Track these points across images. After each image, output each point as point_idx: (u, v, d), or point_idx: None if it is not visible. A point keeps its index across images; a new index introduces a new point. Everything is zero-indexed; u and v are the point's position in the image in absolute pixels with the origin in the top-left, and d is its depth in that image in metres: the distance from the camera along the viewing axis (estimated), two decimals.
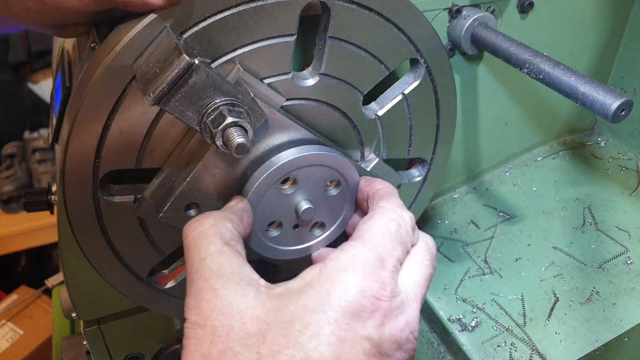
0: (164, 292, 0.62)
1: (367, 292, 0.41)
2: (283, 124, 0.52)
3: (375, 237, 0.45)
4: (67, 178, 0.50)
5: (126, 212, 0.54)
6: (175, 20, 0.46)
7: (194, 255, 0.43)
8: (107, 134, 0.49)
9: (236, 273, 0.41)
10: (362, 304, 0.40)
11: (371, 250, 0.44)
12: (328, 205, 0.57)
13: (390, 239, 0.46)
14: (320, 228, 0.59)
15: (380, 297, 0.41)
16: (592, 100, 0.57)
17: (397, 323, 0.42)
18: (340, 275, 0.42)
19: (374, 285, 0.42)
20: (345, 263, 0.43)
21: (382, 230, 0.46)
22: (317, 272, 0.42)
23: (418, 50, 0.58)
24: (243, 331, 0.39)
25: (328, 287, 0.41)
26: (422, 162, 0.67)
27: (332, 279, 0.41)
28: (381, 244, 0.45)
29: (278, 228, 0.55)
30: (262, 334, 0.39)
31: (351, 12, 0.52)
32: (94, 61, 0.47)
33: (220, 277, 0.41)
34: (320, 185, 0.55)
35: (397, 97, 0.60)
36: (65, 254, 0.63)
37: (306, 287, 0.42)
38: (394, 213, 0.48)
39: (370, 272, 0.42)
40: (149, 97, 0.42)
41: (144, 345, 0.77)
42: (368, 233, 0.46)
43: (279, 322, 0.39)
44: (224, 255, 0.42)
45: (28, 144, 2.16)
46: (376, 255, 0.44)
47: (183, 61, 0.41)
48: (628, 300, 0.73)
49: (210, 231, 0.44)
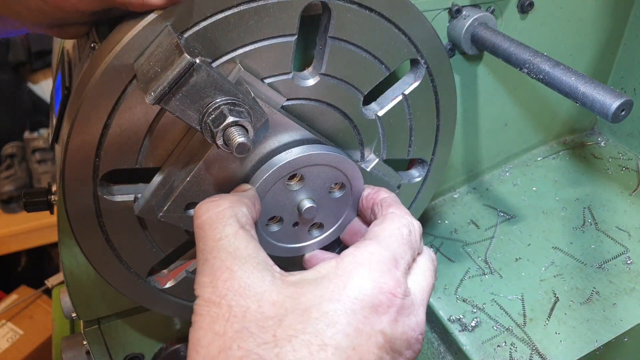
0: (164, 292, 0.62)
1: (384, 288, 0.42)
2: (284, 124, 0.52)
3: (389, 239, 0.46)
4: (67, 177, 0.50)
5: (126, 212, 0.54)
6: (176, 20, 0.46)
7: (209, 235, 0.43)
8: (107, 132, 0.49)
9: (253, 256, 0.42)
10: (379, 299, 0.41)
11: (386, 249, 0.45)
12: (330, 207, 0.57)
13: (403, 242, 0.47)
14: (318, 229, 0.59)
15: (396, 294, 0.42)
16: (592, 100, 0.57)
17: (409, 322, 0.43)
18: (357, 269, 0.42)
19: (390, 282, 0.43)
20: (362, 259, 0.43)
21: (395, 233, 0.47)
22: (334, 266, 0.43)
23: (418, 51, 0.58)
24: (260, 313, 0.39)
25: (345, 279, 0.42)
26: (422, 162, 0.68)
27: (348, 273, 0.42)
28: (395, 245, 0.46)
29: (278, 223, 0.56)
30: (280, 318, 0.39)
31: (352, 12, 0.52)
32: (94, 60, 0.47)
33: (237, 259, 0.41)
34: (325, 186, 0.55)
35: (398, 97, 0.60)
36: (65, 254, 0.63)
37: (322, 278, 0.42)
38: (405, 219, 0.49)
39: (387, 270, 0.43)
40: (149, 96, 0.42)
41: (144, 345, 0.77)
42: (382, 234, 0.47)
43: (296, 308, 0.40)
44: (240, 238, 0.43)
45: (28, 144, 2.16)
46: (391, 255, 0.45)
47: (184, 60, 0.41)
48: (628, 300, 0.73)
49: (226, 213, 0.44)
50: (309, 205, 0.54)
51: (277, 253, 0.57)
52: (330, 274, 0.42)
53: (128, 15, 0.47)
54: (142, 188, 0.54)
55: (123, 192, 0.54)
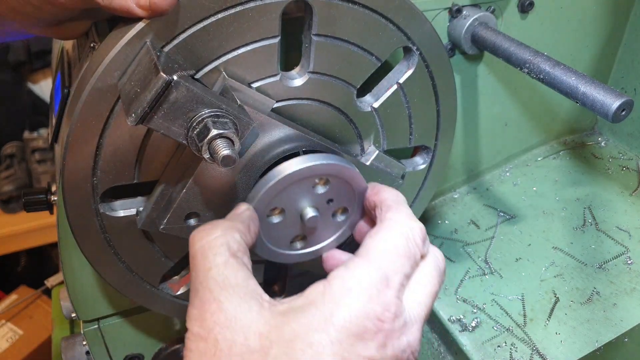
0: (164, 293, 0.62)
1: (371, 314, 0.41)
2: (274, 127, 0.51)
3: (382, 255, 0.45)
4: (68, 199, 0.50)
5: (130, 226, 0.54)
6: (155, 35, 0.45)
7: (200, 265, 0.43)
8: (101, 153, 0.49)
9: (241, 286, 0.42)
10: (365, 326, 0.41)
11: (377, 270, 0.43)
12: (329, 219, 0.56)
13: (398, 255, 0.45)
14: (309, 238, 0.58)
15: (383, 319, 0.41)
16: (592, 100, 0.57)
17: (399, 344, 0.42)
18: (345, 296, 0.42)
19: (377, 307, 0.41)
20: (351, 283, 0.42)
21: (389, 248, 0.45)
22: (321, 291, 0.42)
23: (409, 38, 0.56)
24: (245, 346, 0.39)
25: (332, 307, 0.41)
26: (426, 149, 0.67)
27: (336, 300, 0.41)
28: (388, 262, 0.44)
29: (279, 215, 0.55)
30: (265, 351, 0.39)
31: (334, 8, 0.51)
32: (82, 81, 0.47)
33: (224, 289, 0.41)
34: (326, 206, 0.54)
35: (392, 87, 0.59)
36: (65, 254, 0.63)
37: (309, 305, 0.41)
38: (403, 226, 0.47)
39: (375, 294, 0.42)
40: (131, 118, 0.42)
41: (144, 345, 0.76)
42: (374, 250, 0.45)
43: (281, 339, 0.39)
44: (230, 267, 0.42)
45: (28, 144, 2.16)
46: (382, 275, 0.43)
47: (160, 79, 0.41)
48: (628, 300, 0.73)
49: (217, 242, 0.44)
50: (311, 214, 0.53)
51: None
52: (317, 301, 0.42)
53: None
54: (143, 201, 0.54)
55: (125, 207, 0.54)
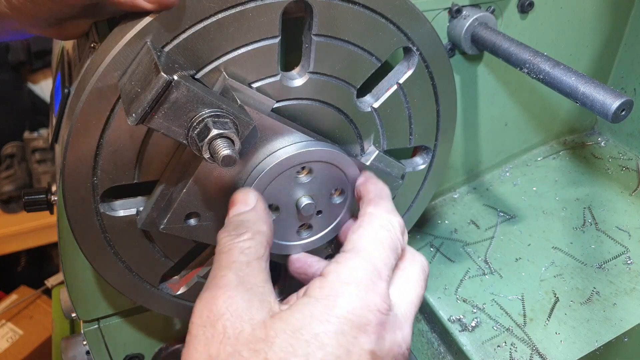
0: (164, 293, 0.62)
1: (372, 306, 0.42)
2: (274, 127, 0.52)
3: (368, 248, 0.46)
4: (68, 200, 0.50)
5: (130, 226, 0.54)
6: (155, 35, 0.45)
7: (224, 259, 0.44)
8: (101, 153, 0.49)
9: (258, 286, 0.43)
10: (368, 317, 0.41)
11: (368, 262, 0.45)
12: (327, 209, 0.57)
13: (383, 248, 0.46)
14: (307, 230, 0.58)
15: (382, 310, 0.42)
16: (592, 100, 0.57)
17: (395, 337, 0.43)
18: (344, 288, 0.42)
19: (377, 298, 0.43)
20: (346, 277, 0.43)
21: (373, 240, 0.47)
22: (318, 286, 0.43)
23: (409, 38, 0.57)
24: (252, 335, 0.39)
25: (332, 299, 0.42)
26: (426, 149, 0.67)
27: (335, 292, 0.42)
28: (375, 254, 0.46)
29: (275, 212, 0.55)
30: (271, 340, 0.39)
31: (334, 8, 0.51)
32: (82, 81, 0.47)
33: (242, 284, 0.42)
34: (327, 190, 0.55)
35: (392, 87, 0.59)
36: (65, 254, 0.63)
37: (310, 299, 0.42)
38: (382, 220, 0.48)
39: (372, 285, 0.43)
40: (131, 118, 0.42)
41: (144, 345, 0.76)
42: (360, 244, 0.46)
43: (286, 329, 0.40)
44: (252, 267, 0.44)
45: (28, 144, 2.16)
46: (373, 267, 0.44)
47: (161, 79, 0.41)
48: (628, 300, 0.73)
49: (245, 244, 0.45)
50: (307, 202, 0.54)
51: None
52: (317, 294, 0.42)
53: (126, 15, 0.46)
54: (143, 201, 0.54)
55: (125, 207, 0.54)
